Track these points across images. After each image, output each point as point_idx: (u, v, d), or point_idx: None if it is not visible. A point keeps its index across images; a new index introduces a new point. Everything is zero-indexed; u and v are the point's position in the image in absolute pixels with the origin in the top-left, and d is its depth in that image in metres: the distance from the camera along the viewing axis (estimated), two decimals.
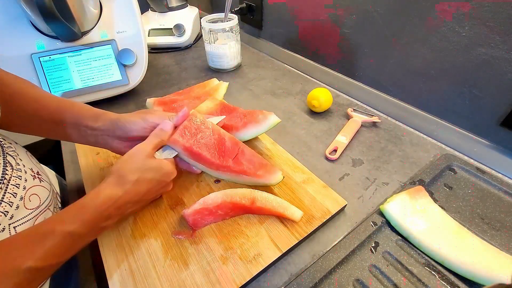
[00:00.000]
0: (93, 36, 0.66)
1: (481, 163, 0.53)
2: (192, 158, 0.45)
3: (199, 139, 0.45)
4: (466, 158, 0.54)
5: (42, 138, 0.63)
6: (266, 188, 0.47)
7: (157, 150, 0.42)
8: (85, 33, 0.66)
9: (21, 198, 0.39)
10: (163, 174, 0.40)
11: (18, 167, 0.41)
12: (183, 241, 0.40)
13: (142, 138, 0.42)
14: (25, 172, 0.42)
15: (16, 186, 0.39)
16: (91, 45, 0.66)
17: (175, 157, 0.43)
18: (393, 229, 0.42)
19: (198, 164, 0.45)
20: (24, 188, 0.40)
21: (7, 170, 0.38)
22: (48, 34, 0.63)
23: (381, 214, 0.43)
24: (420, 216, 0.41)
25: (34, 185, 0.42)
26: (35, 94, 0.43)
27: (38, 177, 0.44)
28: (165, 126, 0.42)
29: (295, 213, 0.41)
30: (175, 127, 0.44)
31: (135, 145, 0.41)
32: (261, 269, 0.37)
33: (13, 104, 0.41)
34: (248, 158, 0.47)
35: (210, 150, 0.45)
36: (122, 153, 0.43)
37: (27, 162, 0.44)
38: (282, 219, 0.42)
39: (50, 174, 0.54)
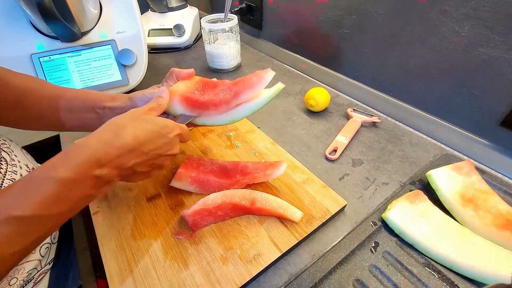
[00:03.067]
0: (93, 36, 0.66)
1: (480, 163, 0.53)
2: (200, 188, 0.46)
3: (202, 170, 0.47)
4: (465, 158, 0.54)
5: (41, 138, 0.63)
6: (266, 188, 0.47)
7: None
8: (85, 33, 0.66)
9: None
10: (163, 126, 0.36)
11: (13, 162, 0.41)
12: (183, 241, 0.40)
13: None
14: (21, 167, 0.42)
15: (12, 181, 0.39)
16: (91, 46, 0.66)
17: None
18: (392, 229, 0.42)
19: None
20: None
21: (1, 164, 0.38)
22: (48, 34, 0.63)
23: (381, 214, 0.43)
24: (422, 222, 0.40)
25: None
26: (44, 90, 0.43)
27: None
28: (161, 93, 0.41)
29: (295, 213, 0.41)
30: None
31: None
32: (261, 269, 0.37)
33: (24, 103, 0.41)
34: (253, 167, 0.47)
35: (216, 175, 0.47)
36: None
37: (23, 158, 0.44)
38: (282, 219, 0.42)
39: None
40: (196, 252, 0.39)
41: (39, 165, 0.52)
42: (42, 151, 0.62)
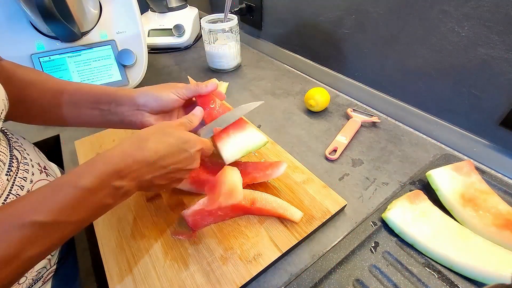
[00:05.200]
0: (93, 36, 0.66)
1: (480, 163, 0.53)
2: (200, 188, 0.46)
3: (201, 170, 0.47)
4: (465, 158, 0.54)
5: (41, 139, 0.63)
6: (266, 188, 0.47)
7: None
8: (84, 33, 0.66)
9: (28, 191, 0.39)
10: (185, 141, 0.36)
11: (25, 161, 0.41)
12: (183, 242, 0.40)
13: (173, 110, 0.44)
14: (32, 166, 0.42)
15: (23, 179, 0.39)
16: (90, 46, 0.66)
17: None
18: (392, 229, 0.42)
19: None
20: (31, 181, 0.40)
21: (13, 162, 0.38)
22: (47, 34, 0.63)
23: (381, 214, 0.43)
24: (422, 222, 0.40)
25: (41, 179, 0.42)
26: (47, 83, 0.42)
27: (45, 171, 0.44)
28: (196, 110, 0.43)
29: (295, 214, 0.41)
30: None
31: (164, 119, 0.43)
32: (261, 269, 0.37)
33: (26, 97, 0.41)
34: (253, 167, 0.48)
35: (216, 174, 0.46)
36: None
37: (34, 156, 0.44)
38: (282, 219, 0.42)
39: (57, 170, 0.55)
40: (196, 252, 0.39)
41: (51, 163, 0.52)
42: (42, 151, 0.63)
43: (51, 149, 0.65)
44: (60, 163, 0.58)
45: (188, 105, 0.47)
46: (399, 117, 0.64)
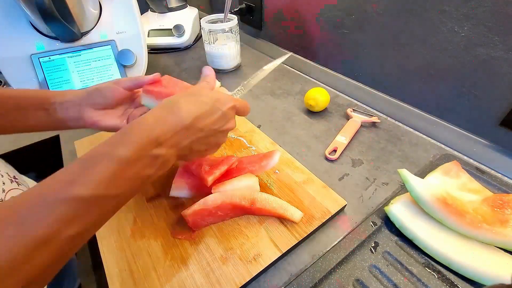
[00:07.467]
0: (93, 36, 0.66)
1: (480, 163, 0.53)
2: (200, 191, 0.45)
3: (196, 173, 0.45)
4: (465, 158, 0.54)
5: (41, 139, 0.63)
6: (266, 189, 0.47)
7: None
8: (84, 33, 0.66)
9: (1, 201, 0.39)
10: (215, 100, 0.35)
11: None
12: (183, 242, 0.40)
13: (117, 104, 0.42)
14: (2, 176, 0.43)
15: None
16: (90, 46, 0.66)
17: None
18: (393, 229, 0.42)
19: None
20: (3, 190, 0.40)
21: None
22: (47, 34, 0.63)
23: (381, 214, 0.43)
24: (423, 218, 0.40)
25: (13, 188, 0.43)
26: None
27: (15, 181, 0.45)
28: (206, 70, 0.41)
29: (295, 214, 0.41)
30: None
31: (108, 115, 0.40)
32: (261, 269, 0.37)
33: None
34: (248, 161, 0.47)
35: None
36: (95, 124, 0.40)
37: (3, 167, 0.45)
38: (282, 219, 0.42)
39: (29, 181, 0.54)
40: (196, 252, 0.39)
41: (23, 176, 0.52)
42: (42, 152, 0.63)
43: (50, 149, 0.65)
44: (60, 163, 0.58)
45: (135, 97, 0.45)
46: (399, 117, 0.64)
